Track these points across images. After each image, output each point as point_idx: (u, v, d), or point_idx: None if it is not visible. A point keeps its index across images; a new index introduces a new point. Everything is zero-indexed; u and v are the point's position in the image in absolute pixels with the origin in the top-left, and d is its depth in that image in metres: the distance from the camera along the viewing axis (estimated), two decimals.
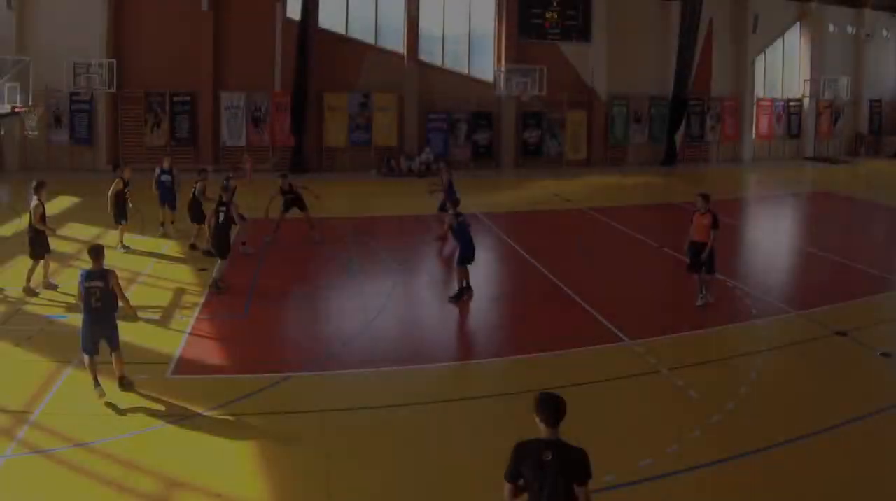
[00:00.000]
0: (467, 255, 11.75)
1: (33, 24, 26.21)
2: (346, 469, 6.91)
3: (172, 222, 16.45)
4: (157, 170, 16.33)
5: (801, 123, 31.10)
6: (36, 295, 11.64)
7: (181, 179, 16.48)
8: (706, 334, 9.71)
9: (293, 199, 15.60)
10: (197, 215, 14.84)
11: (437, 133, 27.68)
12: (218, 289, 12.01)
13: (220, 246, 12.10)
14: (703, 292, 11.51)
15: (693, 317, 10.91)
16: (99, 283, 8.12)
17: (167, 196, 16.25)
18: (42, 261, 12.04)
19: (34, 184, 11.95)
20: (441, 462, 7.10)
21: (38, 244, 11.96)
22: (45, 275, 12.19)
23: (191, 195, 15.00)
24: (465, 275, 11.76)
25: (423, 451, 7.29)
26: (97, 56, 25.90)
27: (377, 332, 10.63)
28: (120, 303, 8.40)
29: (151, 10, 26.43)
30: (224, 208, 12.09)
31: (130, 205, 15.01)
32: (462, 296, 11.73)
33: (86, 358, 8.27)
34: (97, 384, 8.16)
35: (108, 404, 8.08)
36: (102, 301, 8.17)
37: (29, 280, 11.87)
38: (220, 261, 12.24)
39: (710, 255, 11.25)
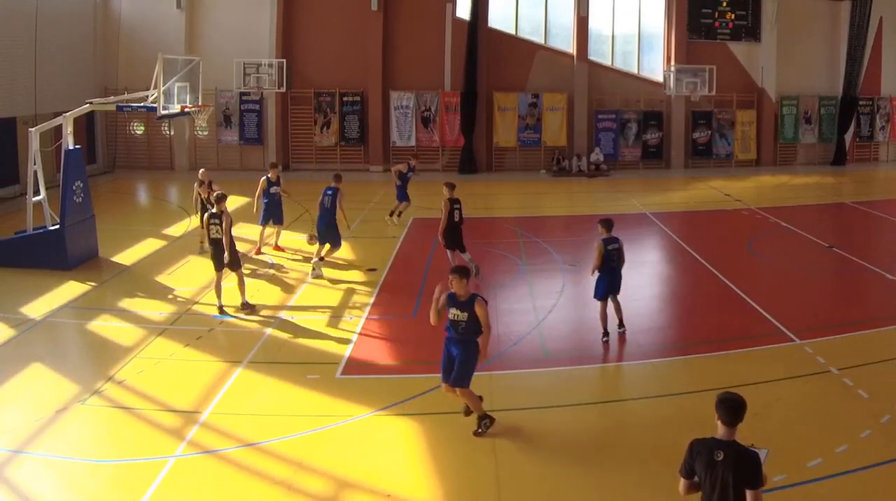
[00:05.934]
0: None
1: (203, 25, 26.29)
2: (516, 470, 6.80)
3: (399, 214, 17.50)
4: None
5: None
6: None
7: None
8: (876, 334, 9.37)
9: None
10: None
11: (606, 133, 27.22)
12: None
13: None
14: None
15: (862, 317, 10.40)
16: None
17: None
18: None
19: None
20: (610, 463, 6.96)
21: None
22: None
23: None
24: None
25: (593, 451, 7.18)
26: (266, 56, 25.87)
27: (547, 332, 10.50)
28: None
29: (320, 11, 26.38)
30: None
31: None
32: None
33: None
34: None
35: (278, 405, 8.13)
36: None
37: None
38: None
39: None
